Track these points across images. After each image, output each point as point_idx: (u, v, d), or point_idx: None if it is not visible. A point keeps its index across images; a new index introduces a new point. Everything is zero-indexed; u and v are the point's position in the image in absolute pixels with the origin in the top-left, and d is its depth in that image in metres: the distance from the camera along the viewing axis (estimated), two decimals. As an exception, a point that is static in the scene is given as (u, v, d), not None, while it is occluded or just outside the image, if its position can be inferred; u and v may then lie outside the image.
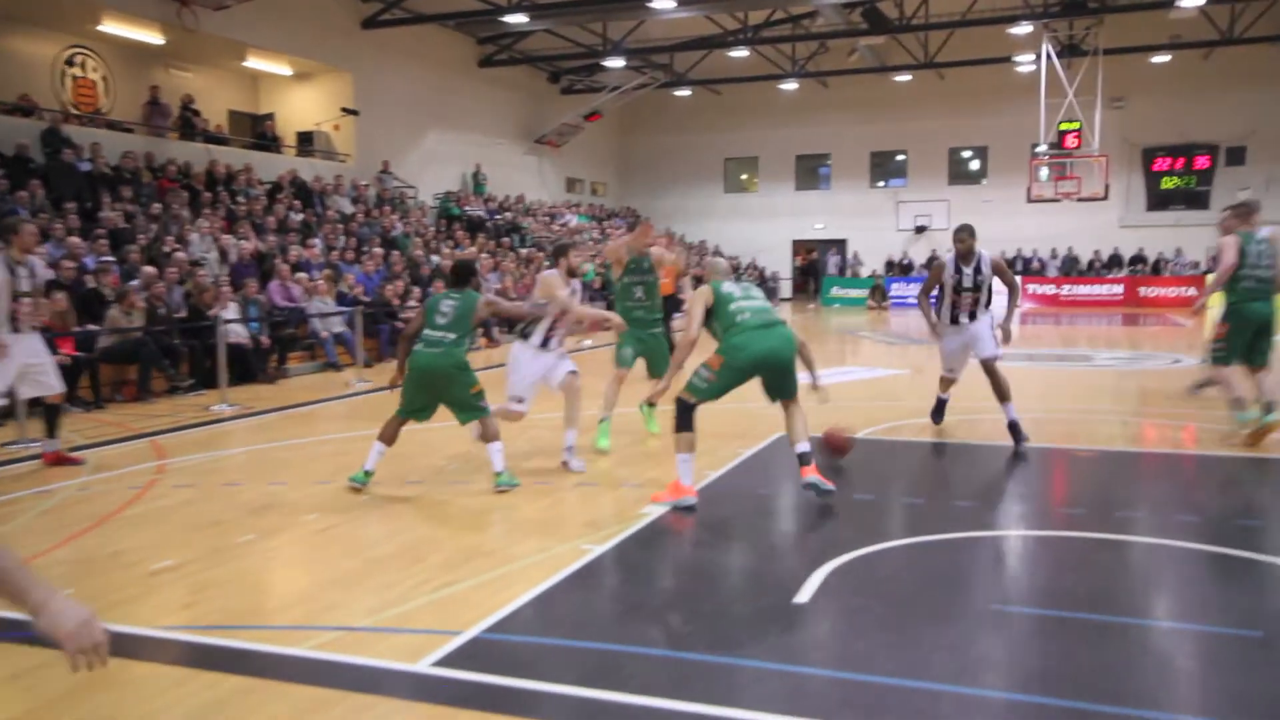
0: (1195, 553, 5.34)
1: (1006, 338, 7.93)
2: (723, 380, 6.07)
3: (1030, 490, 7.24)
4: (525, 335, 7.55)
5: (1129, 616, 4.39)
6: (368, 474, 6.73)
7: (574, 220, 29.90)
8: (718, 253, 34.16)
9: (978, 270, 7.81)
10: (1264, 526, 5.98)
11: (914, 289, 31.25)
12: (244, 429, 10.03)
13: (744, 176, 36.60)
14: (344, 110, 22.81)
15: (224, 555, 5.44)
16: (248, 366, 12.98)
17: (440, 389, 6.74)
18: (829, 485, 5.99)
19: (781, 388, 6.22)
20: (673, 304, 12.23)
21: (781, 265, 34.81)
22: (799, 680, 3.78)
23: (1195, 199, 30.55)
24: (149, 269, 12.80)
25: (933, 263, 9.14)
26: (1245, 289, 7.86)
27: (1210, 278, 7.04)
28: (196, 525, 6.04)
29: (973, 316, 7.94)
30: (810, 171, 35.42)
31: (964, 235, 7.88)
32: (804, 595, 4.64)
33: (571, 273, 7.57)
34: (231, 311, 13.14)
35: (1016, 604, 4.57)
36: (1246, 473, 7.51)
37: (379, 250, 18.18)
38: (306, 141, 22.84)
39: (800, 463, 6.05)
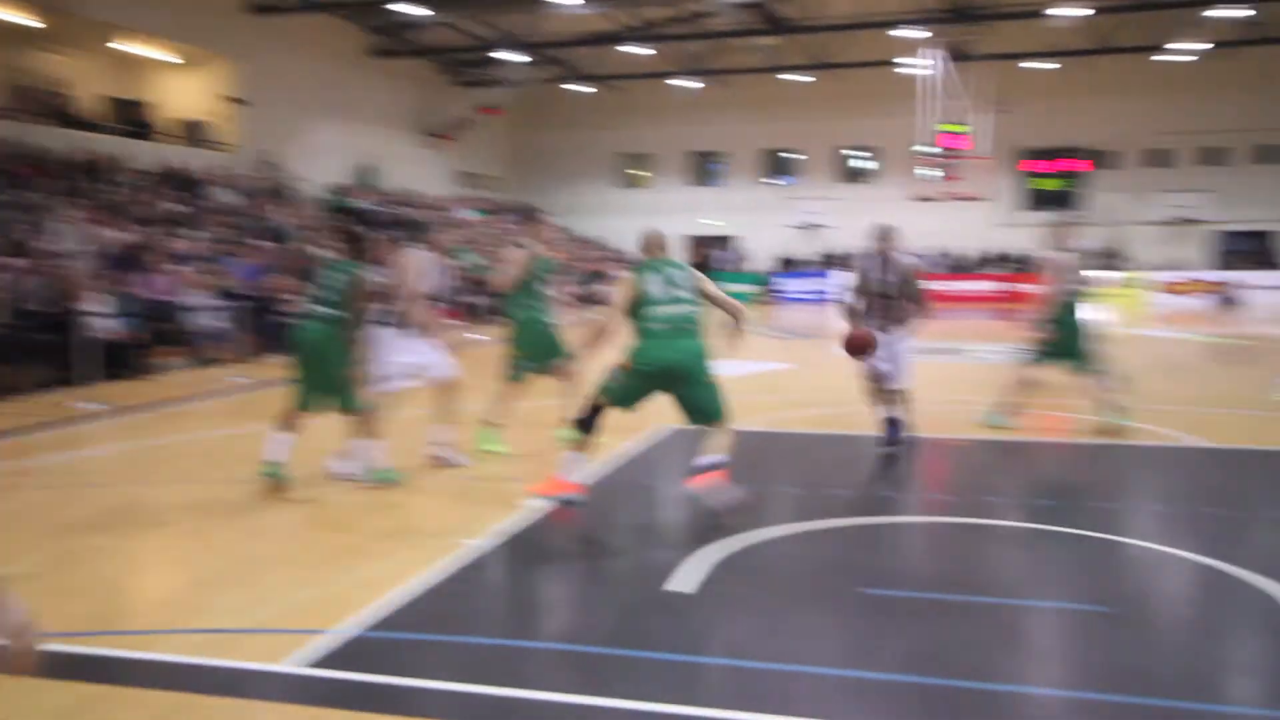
0: (1053, 534, 5.55)
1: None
2: (631, 385, 5.74)
3: (904, 478, 7.43)
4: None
5: (992, 596, 4.57)
6: (275, 465, 6.41)
7: (467, 214, 29.53)
8: (619, 257, 34.27)
9: (890, 273, 7.48)
10: (1116, 509, 6.24)
11: (802, 285, 31.94)
12: (112, 428, 9.55)
13: (638, 172, 36.71)
14: (230, 99, 22.05)
15: (81, 559, 5.15)
16: (119, 362, 12.40)
17: (318, 368, 6.40)
18: (718, 494, 5.62)
19: (691, 407, 5.74)
20: None
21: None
22: (684, 669, 3.78)
23: (1066, 200, 31.89)
24: (13, 260, 12.14)
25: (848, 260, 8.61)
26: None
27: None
28: (53, 529, 5.70)
29: (884, 329, 7.38)
30: (702, 167, 35.73)
31: (880, 235, 7.60)
32: (689, 585, 4.64)
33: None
34: (104, 305, 12.53)
35: (890, 588, 4.66)
36: (1102, 459, 7.87)
37: (263, 243, 17.63)
38: (190, 131, 21.98)
39: (691, 471, 5.67)
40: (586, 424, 5.72)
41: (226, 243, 17.05)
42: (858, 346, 7.11)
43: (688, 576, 4.72)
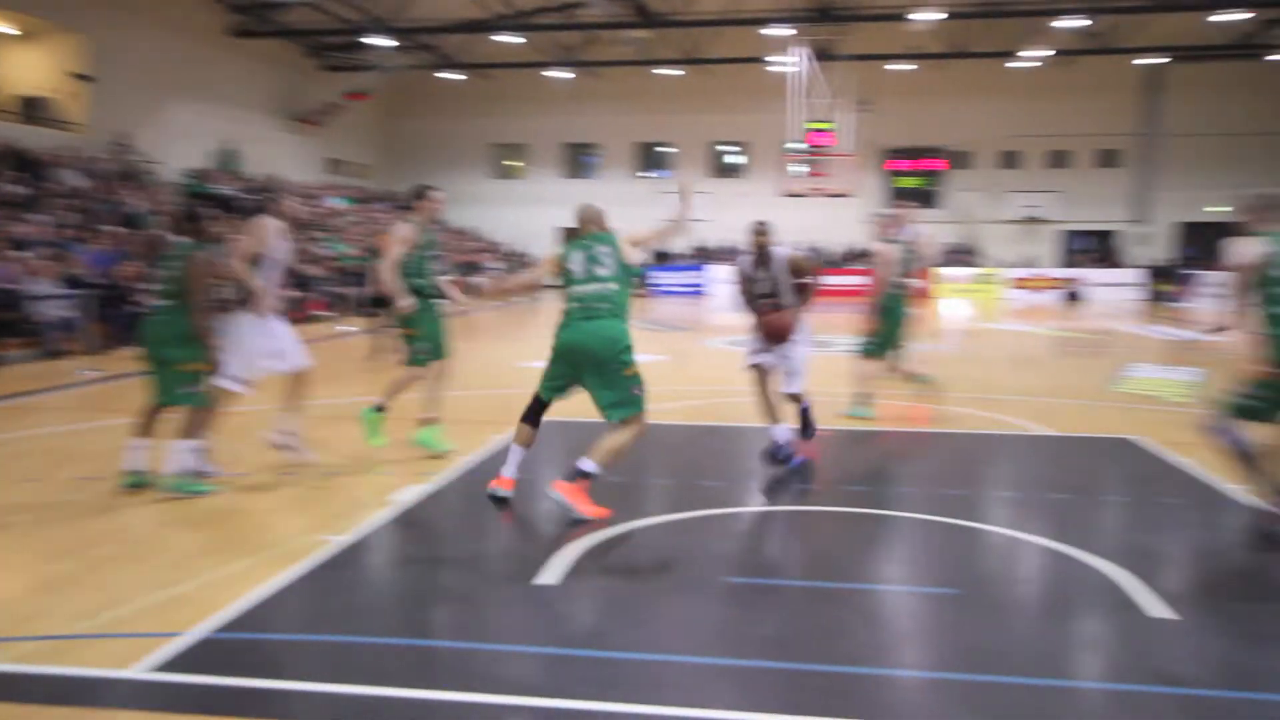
0: (907, 520, 5.79)
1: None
2: (550, 370, 5.63)
3: (769, 470, 7.46)
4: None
5: (852, 582, 4.72)
6: (136, 475, 6.09)
7: (335, 202, 28.75)
8: (487, 239, 33.88)
9: (770, 268, 6.96)
10: (967, 495, 6.50)
11: (677, 278, 32.26)
12: (-53, 423, 8.98)
13: (512, 161, 36.41)
14: (76, 75, 20.83)
15: (-91, 563, 4.85)
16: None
17: (160, 360, 6.05)
18: (576, 510, 5.41)
19: (595, 393, 5.49)
20: None
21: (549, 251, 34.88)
22: (546, 661, 3.80)
23: (927, 197, 33.14)
24: None
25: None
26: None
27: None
28: (-123, 531, 5.34)
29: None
30: (576, 159, 35.71)
31: (757, 230, 7.05)
32: (552, 577, 4.65)
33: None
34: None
35: (753, 575, 4.78)
36: (953, 447, 8.18)
37: (115, 229, 16.79)
38: (31, 108, 20.67)
39: (567, 476, 5.47)
40: (525, 413, 5.70)
41: (74, 228, 16.18)
42: (777, 331, 6.81)
43: (554, 570, 4.74)
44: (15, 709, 3.31)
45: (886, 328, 8.83)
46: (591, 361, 5.43)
